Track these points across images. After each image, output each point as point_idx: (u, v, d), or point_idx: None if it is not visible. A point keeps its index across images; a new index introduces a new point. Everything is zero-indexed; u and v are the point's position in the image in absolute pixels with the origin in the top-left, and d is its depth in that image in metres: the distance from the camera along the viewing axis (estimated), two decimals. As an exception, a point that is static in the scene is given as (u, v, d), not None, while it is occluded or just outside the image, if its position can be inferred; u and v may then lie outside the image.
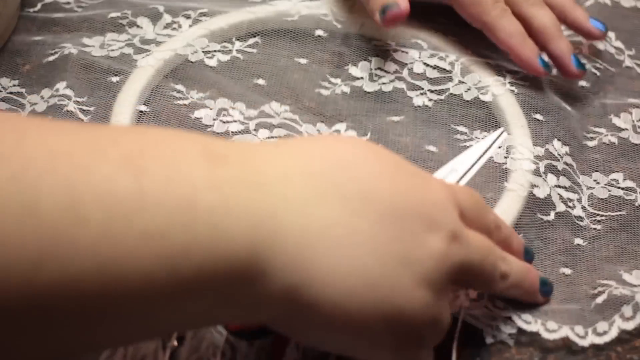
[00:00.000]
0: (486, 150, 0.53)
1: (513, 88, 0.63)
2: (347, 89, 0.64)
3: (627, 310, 0.52)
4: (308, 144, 0.43)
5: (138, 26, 0.66)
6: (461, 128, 0.62)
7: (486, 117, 0.62)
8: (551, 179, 0.58)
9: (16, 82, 0.61)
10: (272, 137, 0.59)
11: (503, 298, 0.51)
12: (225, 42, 0.66)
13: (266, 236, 0.37)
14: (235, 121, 0.60)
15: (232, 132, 0.59)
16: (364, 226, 0.39)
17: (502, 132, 0.55)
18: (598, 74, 0.66)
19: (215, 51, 0.65)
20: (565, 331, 0.51)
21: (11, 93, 0.61)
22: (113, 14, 0.66)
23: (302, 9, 0.68)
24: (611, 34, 0.69)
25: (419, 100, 0.63)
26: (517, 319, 0.51)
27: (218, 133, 0.59)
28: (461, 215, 0.44)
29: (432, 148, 0.60)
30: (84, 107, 0.60)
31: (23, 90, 0.61)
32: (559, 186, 0.58)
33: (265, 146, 0.42)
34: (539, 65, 0.61)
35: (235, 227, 0.36)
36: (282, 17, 0.67)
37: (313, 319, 0.39)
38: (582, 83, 0.65)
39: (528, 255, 0.51)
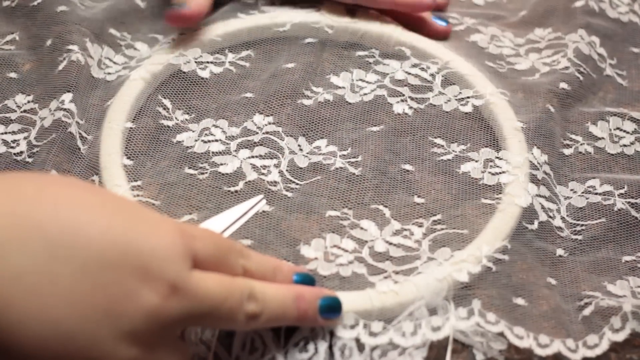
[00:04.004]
0: (245, 213, 0.53)
1: (494, 99, 0.63)
2: (329, 97, 0.64)
3: (615, 321, 0.52)
4: (18, 181, 0.41)
5: (135, 49, 0.66)
6: (438, 141, 0.62)
7: (464, 129, 0.62)
8: (532, 188, 0.58)
9: (30, 97, 0.61)
10: (252, 157, 0.59)
11: (494, 312, 0.51)
12: (217, 53, 0.66)
13: None
14: (216, 140, 0.60)
15: (213, 152, 0.59)
16: (64, 274, 0.38)
17: (260, 200, 0.55)
18: (581, 78, 0.66)
19: (208, 62, 0.65)
20: (557, 345, 0.51)
21: (25, 112, 0.60)
22: (112, 31, 0.66)
23: (295, 16, 0.68)
24: (595, 40, 0.69)
25: (399, 108, 0.63)
26: (509, 334, 0.51)
27: (199, 153, 0.59)
28: (197, 262, 0.42)
29: (408, 167, 0.60)
30: (83, 134, 0.59)
31: (36, 105, 0.60)
32: (540, 195, 0.58)
33: None
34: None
35: None
36: (274, 28, 0.67)
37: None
38: (564, 86, 0.65)
39: (306, 281, 0.49)
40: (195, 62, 0.64)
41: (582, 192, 0.60)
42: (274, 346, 0.49)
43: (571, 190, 0.60)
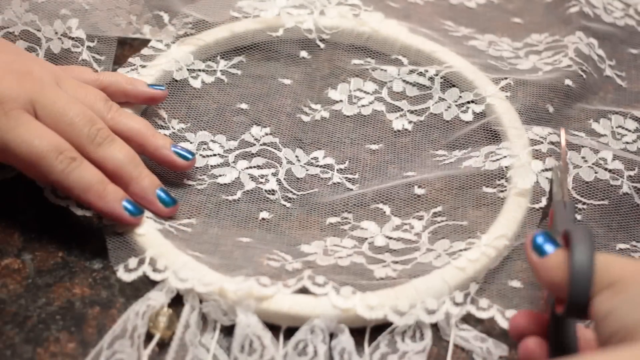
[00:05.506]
0: None
1: (495, 101, 0.62)
2: (326, 114, 0.63)
3: None
4: None
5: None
6: (440, 152, 0.61)
7: (466, 136, 0.62)
8: (536, 165, 0.57)
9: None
10: (250, 167, 0.59)
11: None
12: (209, 60, 0.65)
13: None
14: (214, 155, 0.59)
15: (211, 165, 0.59)
16: None
17: None
18: (584, 76, 0.66)
19: (199, 70, 0.64)
20: None
21: (26, 23, 0.60)
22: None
23: (287, 20, 0.67)
24: (594, 41, 0.69)
25: (398, 124, 0.63)
26: (499, 318, 0.50)
27: (197, 167, 0.58)
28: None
29: (410, 173, 0.60)
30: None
31: (36, 17, 0.60)
32: (546, 169, 0.57)
33: None
34: (125, 214, 0.52)
35: None
36: (267, 32, 0.67)
37: None
38: (569, 82, 0.64)
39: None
40: (188, 69, 0.64)
41: (593, 163, 0.59)
42: (273, 348, 0.48)
43: (582, 158, 0.59)
